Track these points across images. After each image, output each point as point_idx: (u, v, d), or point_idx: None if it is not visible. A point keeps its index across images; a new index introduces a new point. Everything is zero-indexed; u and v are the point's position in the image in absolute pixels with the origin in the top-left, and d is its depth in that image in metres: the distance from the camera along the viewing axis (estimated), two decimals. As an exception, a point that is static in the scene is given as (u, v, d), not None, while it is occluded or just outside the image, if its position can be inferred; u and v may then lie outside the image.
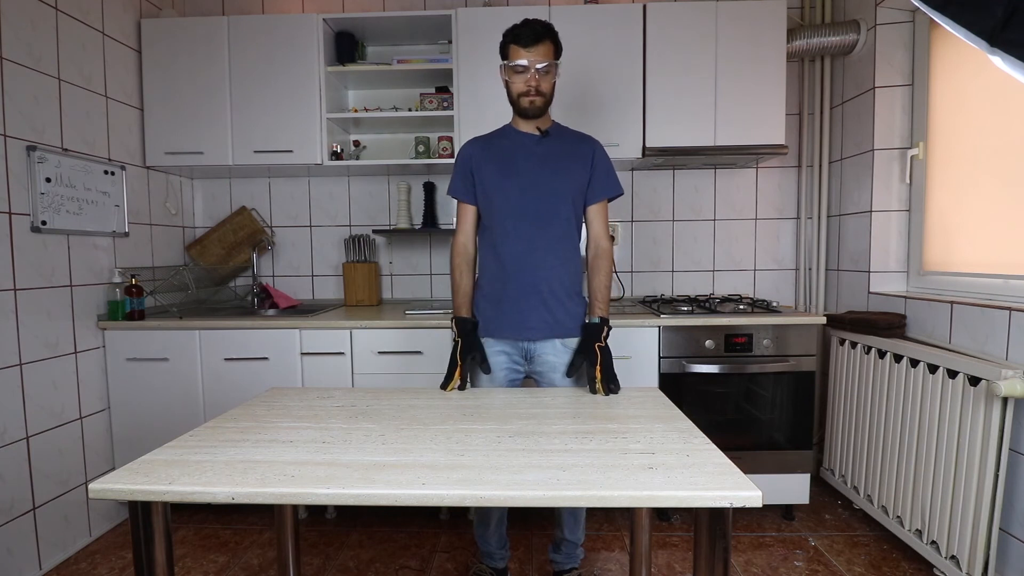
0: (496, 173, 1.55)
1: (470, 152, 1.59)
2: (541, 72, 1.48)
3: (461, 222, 1.61)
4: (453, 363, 1.46)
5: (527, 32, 1.46)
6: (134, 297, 2.14)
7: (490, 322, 1.56)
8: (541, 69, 1.47)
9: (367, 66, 2.42)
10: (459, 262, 1.58)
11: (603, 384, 1.39)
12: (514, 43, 1.47)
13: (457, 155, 1.63)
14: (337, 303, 2.63)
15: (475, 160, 1.57)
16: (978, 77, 1.88)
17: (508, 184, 1.53)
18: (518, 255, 1.53)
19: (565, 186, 1.55)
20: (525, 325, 1.53)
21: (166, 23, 2.34)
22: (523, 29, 1.47)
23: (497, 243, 1.55)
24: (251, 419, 1.19)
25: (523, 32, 1.47)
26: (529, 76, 1.48)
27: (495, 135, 1.63)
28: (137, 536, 0.91)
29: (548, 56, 1.47)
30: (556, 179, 1.54)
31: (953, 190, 2.02)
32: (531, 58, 1.46)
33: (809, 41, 2.35)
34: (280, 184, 2.73)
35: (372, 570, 1.88)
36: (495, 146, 1.59)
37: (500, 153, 1.57)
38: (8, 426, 1.77)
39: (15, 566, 1.77)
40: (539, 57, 1.46)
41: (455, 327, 1.51)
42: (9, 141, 1.77)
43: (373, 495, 0.85)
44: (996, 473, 1.54)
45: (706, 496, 0.84)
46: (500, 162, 1.56)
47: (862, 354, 2.09)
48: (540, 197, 1.53)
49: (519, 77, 1.50)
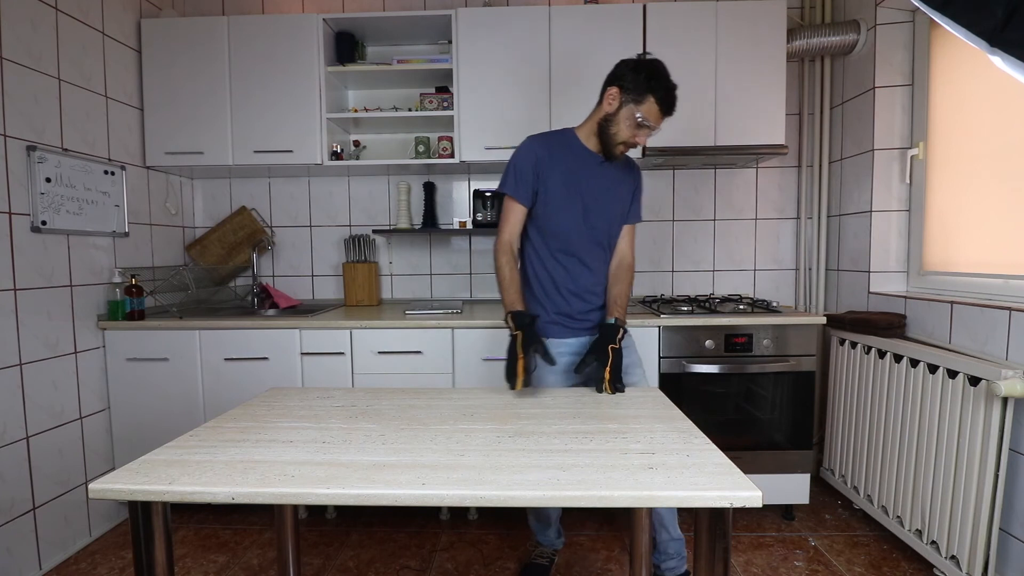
0: (562, 186, 1.53)
1: (537, 154, 1.54)
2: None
3: (510, 220, 1.56)
4: (513, 357, 1.37)
5: (672, 103, 1.45)
6: (134, 297, 2.14)
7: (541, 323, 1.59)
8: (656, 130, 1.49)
9: (367, 66, 2.42)
10: (507, 259, 1.54)
11: (610, 384, 1.40)
12: (661, 107, 1.44)
13: (519, 153, 1.56)
14: (337, 303, 2.63)
15: (542, 164, 1.53)
16: (978, 77, 1.88)
17: (573, 202, 1.54)
18: (573, 271, 1.58)
19: (618, 211, 1.61)
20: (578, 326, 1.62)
21: (166, 23, 2.34)
22: (671, 100, 1.45)
23: (552, 255, 1.58)
24: (251, 419, 1.19)
25: (671, 103, 1.45)
26: (643, 134, 1.48)
27: (556, 141, 1.57)
28: (137, 536, 0.91)
29: None
30: (613, 205, 1.59)
31: (953, 190, 2.02)
32: (657, 124, 1.47)
33: (809, 41, 2.35)
34: (280, 184, 2.73)
35: (372, 570, 1.88)
36: (560, 156, 1.54)
37: (565, 165, 1.54)
38: (8, 426, 1.77)
39: (15, 566, 1.77)
40: (660, 124, 1.48)
41: (511, 322, 1.43)
42: (9, 141, 1.77)
43: (373, 495, 0.85)
44: (996, 473, 1.54)
45: (706, 496, 0.84)
46: (566, 175, 1.53)
47: (862, 354, 2.09)
48: (600, 220, 1.57)
49: (638, 131, 1.47)
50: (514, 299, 1.49)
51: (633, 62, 1.48)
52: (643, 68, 1.45)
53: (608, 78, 1.52)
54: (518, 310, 1.46)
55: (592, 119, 1.55)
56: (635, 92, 1.44)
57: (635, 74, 1.44)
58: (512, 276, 1.53)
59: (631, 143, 1.50)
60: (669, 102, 1.45)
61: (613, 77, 1.50)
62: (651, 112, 1.44)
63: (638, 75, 1.44)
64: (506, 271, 1.53)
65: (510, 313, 1.46)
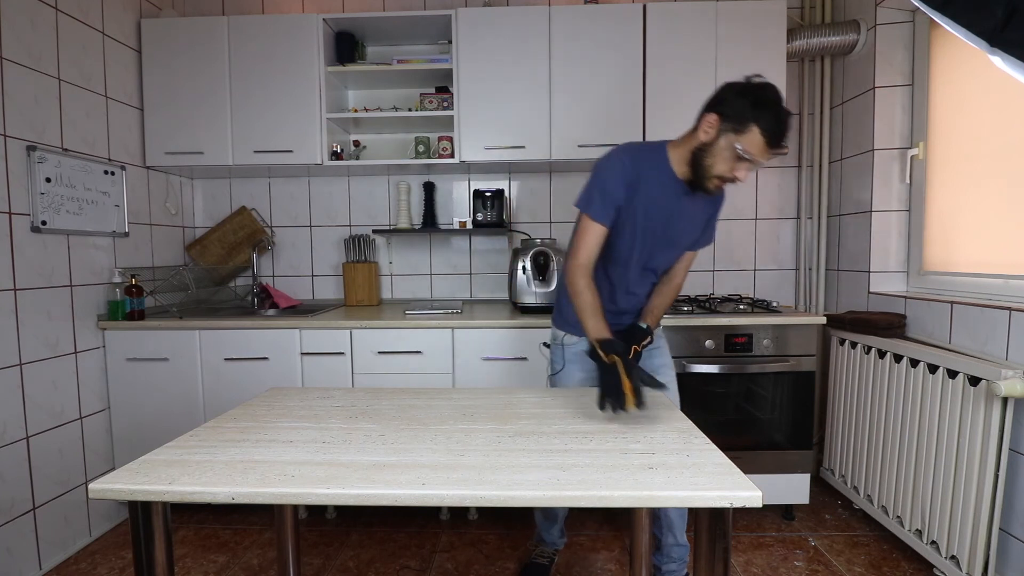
0: (640, 216, 1.42)
1: (628, 178, 1.39)
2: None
3: (588, 243, 1.41)
4: (613, 382, 1.18)
5: (782, 134, 1.26)
6: (134, 297, 2.14)
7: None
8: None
9: (367, 66, 2.42)
10: (587, 283, 1.39)
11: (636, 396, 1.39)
12: (768, 139, 1.25)
13: (609, 169, 1.40)
14: (337, 303, 2.63)
15: (631, 189, 1.39)
16: (978, 77, 1.88)
17: (644, 235, 1.45)
18: (616, 295, 1.53)
19: (687, 244, 1.54)
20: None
21: (166, 23, 2.34)
22: (782, 130, 1.25)
23: (612, 270, 1.52)
24: (251, 419, 1.19)
25: (781, 133, 1.26)
26: (744, 170, 1.31)
27: (647, 162, 1.41)
28: (137, 536, 0.91)
29: None
30: (683, 238, 1.51)
31: (953, 190, 2.02)
32: (762, 158, 1.28)
33: (809, 41, 2.35)
34: (280, 184, 2.73)
35: (372, 570, 1.88)
36: (648, 182, 1.40)
37: (651, 194, 1.41)
38: (8, 426, 1.77)
39: (15, 566, 1.77)
40: (765, 157, 1.29)
41: (600, 349, 1.27)
42: (9, 141, 1.77)
43: (373, 495, 0.84)
44: (996, 473, 1.54)
45: (706, 496, 0.84)
46: (648, 206, 1.41)
47: (862, 354, 2.09)
48: (663, 255, 1.51)
49: (739, 165, 1.30)
50: (600, 326, 1.34)
51: (739, 85, 1.30)
52: (749, 92, 1.26)
53: (708, 102, 1.34)
54: (607, 338, 1.30)
55: (686, 144, 1.38)
56: (737, 120, 1.26)
57: (739, 99, 1.27)
58: (595, 301, 1.38)
59: (728, 178, 1.33)
60: (778, 133, 1.25)
61: (713, 102, 1.32)
62: (754, 144, 1.26)
63: (742, 100, 1.26)
64: (587, 296, 1.38)
65: (598, 340, 1.30)
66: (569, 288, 1.42)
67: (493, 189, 2.52)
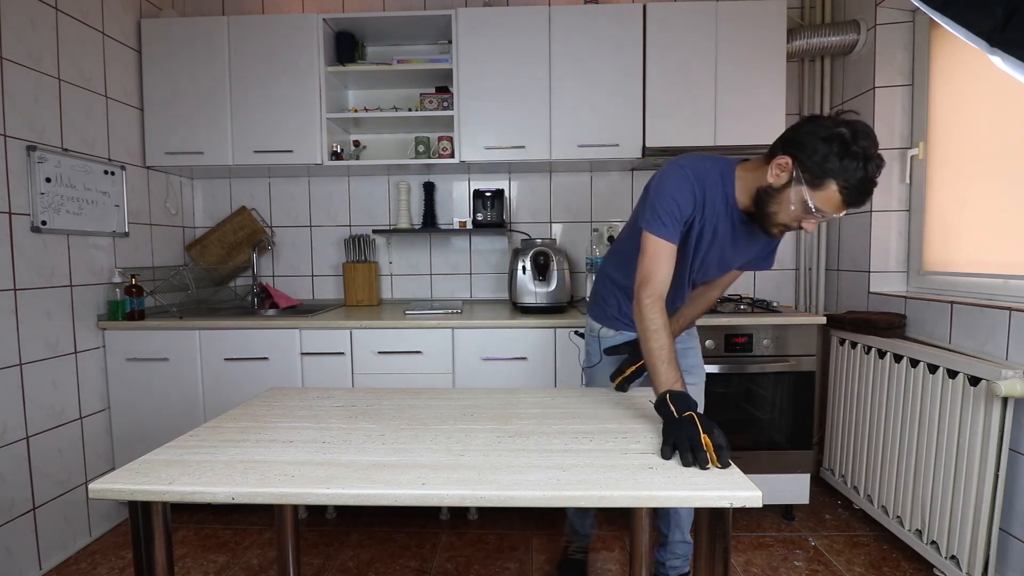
0: (709, 241, 1.32)
1: (696, 196, 1.26)
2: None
3: (664, 267, 1.23)
4: (686, 434, 0.97)
5: (867, 193, 1.09)
6: (134, 297, 2.13)
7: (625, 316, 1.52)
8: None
9: (367, 66, 2.42)
10: (664, 321, 1.19)
11: (624, 382, 1.40)
12: (847, 199, 1.09)
13: (676, 186, 1.25)
14: (337, 303, 2.63)
15: (697, 209, 1.27)
16: (978, 77, 1.88)
17: (708, 251, 1.35)
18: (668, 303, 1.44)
19: (736, 266, 1.45)
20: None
21: (166, 23, 2.34)
22: (867, 189, 1.08)
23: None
24: (251, 419, 1.19)
25: (865, 193, 1.09)
26: (813, 222, 1.16)
27: (712, 183, 1.27)
28: (137, 536, 0.91)
29: None
30: (740, 259, 1.42)
31: (953, 190, 2.02)
32: (839, 213, 1.13)
33: (809, 41, 2.35)
34: (280, 184, 2.73)
35: (372, 570, 1.88)
36: (711, 205, 1.28)
37: (713, 219, 1.29)
38: (8, 426, 1.77)
39: (15, 566, 1.77)
40: (843, 212, 1.14)
41: (672, 404, 1.04)
42: (9, 141, 1.77)
43: (373, 495, 0.84)
44: (996, 473, 1.54)
45: (706, 496, 0.84)
46: (715, 229, 1.31)
47: (862, 354, 2.09)
48: (719, 271, 1.45)
49: (806, 216, 1.14)
50: (674, 375, 1.12)
51: (824, 126, 1.09)
52: (836, 140, 1.06)
53: (783, 140, 1.16)
54: (680, 392, 1.08)
55: (753, 176, 1.23)
56: (815, 172, 1.09)
57: (822, 145, 1.07)
58: (671, 345, 1.17)
59: (791, 228, 1.20)
60: (863, 192, 1.08)
61: (790, 141, 1.14)
62: (830, 203, 1.10)
63: (825, 148, 1.07)
64: (663, 337, 1.16)
65: (669, 393, 1.07)
66: (641, 323, 1.21)
67: (493, 189, 2.52)
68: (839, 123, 1.09)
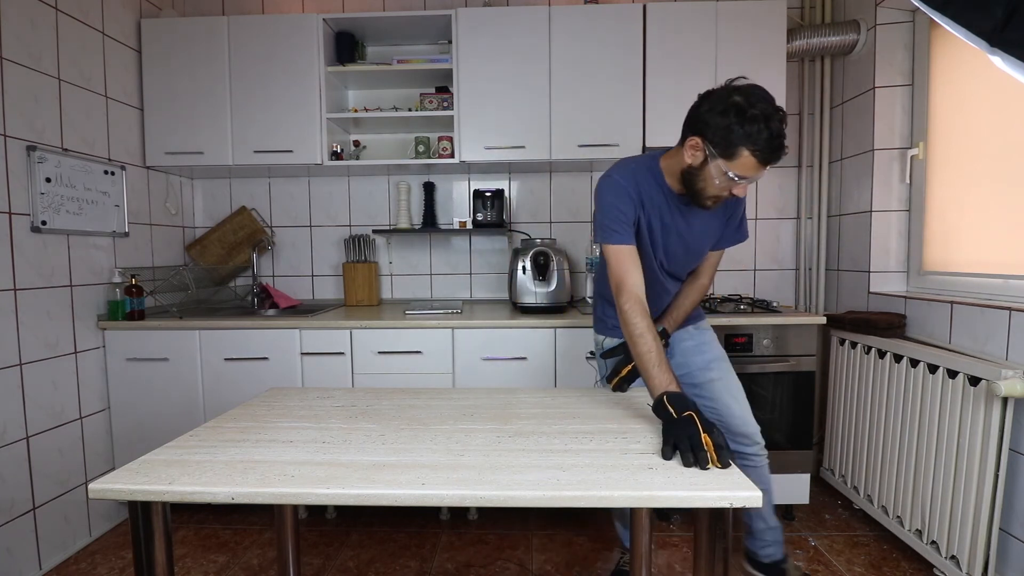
0: (648, 233, 1.38)
1: (632, 197, 1.34)
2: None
3: (629, 268, 1.30)
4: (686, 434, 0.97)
5: (778, 149, 1.15)
6: (134, 297, 2.13)
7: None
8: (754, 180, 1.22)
9: (367, 66, 2.42)
10: (648, 324, 1.22)
11: (621, 382, 1.40)
12: (761, 159, 1.15)
13: (613, 194, 1.34)
14: (337, 303, 2.63)
15: (638, 208, 1.35)
16: (978, 77, 1.88)
17: (656, 249, 1.42)
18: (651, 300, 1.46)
19: (705, 247, 1.50)
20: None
21: (166, 23, 2.34)
22: (777, 145, 1.14)
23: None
24: (251, 419, 1.19)
25: (776, 149, 1.14)
26: (741, 187, 1.22)
27: (645, 182, 1.36)
28: (137, 536, 0.91)
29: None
30: (700, 243, 1.46)
31: (953, 190, 2.02)
32: (760, 173, 1.19)
33: (809, 41, 2.35)
34: (280, 184, 2.73)
35: (372, 570, 1.87)
36: (650, 201, 1.36)
37: (655, 211, 1.37)
38: (8, 426, 1.77)
39: (15, 566, 1.77)
40: (763, 171, 1.19)
41: (670, 405, 1.05)
42: (9, 141, 1.77)
43: (373, 495, 0.85)
44: (996, 473, 1.54)
45: (706, 496, 0.84)
46: (661, 219, 1.38)
47: (862, 354, 2.09)
48: (681, 263, 1.48)
49: (731, 185, 1.21)
50: (667, 377, 1.14)
51: (718, 100, 1.16)
52: (732, 110, 1.13)
53: (687, 122, 1.24)
54: (676, 392, 1.10)
55: (675, 160, 1.31)
56: (724, 145, 1.16)
57: (721, 119, 1.14)
58: (659, 347, 1.19)
59: (724, 197, 1.27)
60: (774, 149, 1.13)
61: (694, 123, 1.21)
62: (747, 167, 1.16)
63: (724, 120, 1.14)
64: (649, 340, 1.19)
65: (665, 395, 1.09)
66: (626, 329, 1.25)
67: (493, 189, 2.52)
68: (731, 91, 1.16)
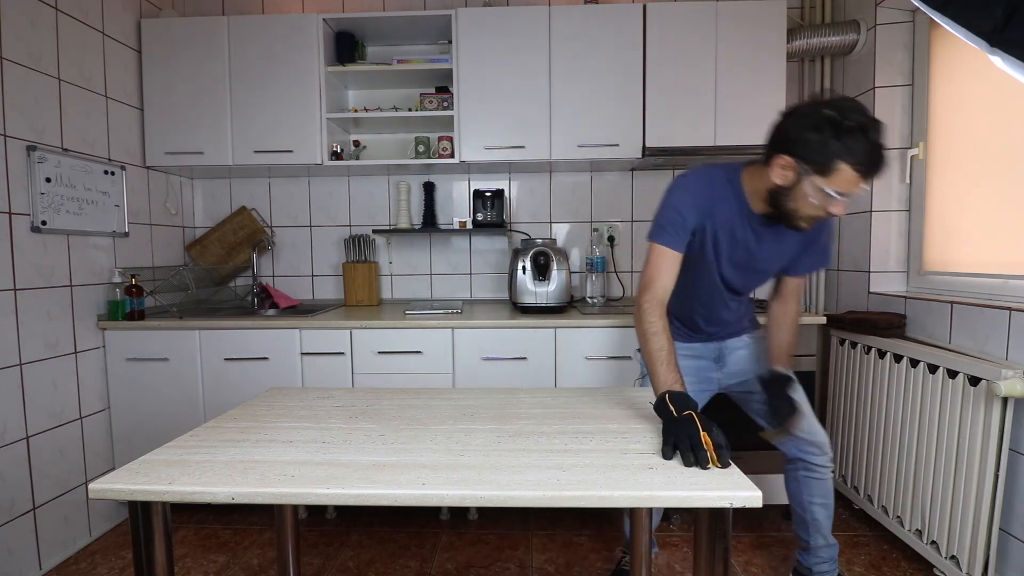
0: (727, 246, 1.33)
1: (700, 207, 1.30)
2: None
3: (663, 273, 1.28)
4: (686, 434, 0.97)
5: (879, 160, 1.08)
6: (134, 297, 2.13)
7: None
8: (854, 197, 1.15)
9: (367, 66, 2.42)
10: (663, 324, 1.23)
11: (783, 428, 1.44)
12: (859, 170, 1.08)
13: (680, 198, 1.30)
14: (337, 303, 2.63)
15: (704, 218, 1.30)
16: (978, 77, 1.88)
17: (732, 259, 1.36)
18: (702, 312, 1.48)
19: (776, 266, 1.45)
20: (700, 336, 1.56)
21: (166, 23, 2.34)
22: (877, 156, 1.08)
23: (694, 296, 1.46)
24: (251, 419, 1.19)
25: (877, 160, 1.08)
26: (839, 205, 1.14)
27: (720, 194, 1.30)
28: (137, 536, 0.91)
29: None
30: (772, 262, 1.41)
31: (953, 190, 2.01)
32: (858, 189, 1.12)
33: (809, 41, 2.35)
34: (280, 184, 2.73)
35: (372, 570, 1.88)
36: (722, 215, 1.31)
37: (726, 227, 1.32)
38: (8, 426, 1.77)
39: (15, 566, 1.77)
40: (864, 186, 1.12)
41: (671, 404, 1.06)
42: (9, 141, 1.77)
43: (373, 495, 0.85)
44: (996, 473, 1.54)
45: (706, 496, 0.84)
46: (731, 233, 1.32)
47: (862, 354, 2.09)
48: (752, 276, 1.44)
49: (828, 202, 1.14)
50: (673, 376, 1.15)
51: (810, 116, 1.10)
52: (827, 124, 1.07)
53: (773, 139, 1.18)
54: (679, 392, 1.10)
55: (761, 181, 1.24)
56: (819, 161, 1.09)
57: (815, 135, 1.08)
58: (670, 347, 1.20)
59: (821, 217, 1.21)
60: (874, 160, 1.08)
61: (783, 141, 1.14)
62: (845, 181, 1.09)
63: (820, 136, 1.08)
64: (662, 339, 1.20)
65: (668, 393, 1.09)
66: (640, 326, 1.25)
67: (493, 189, 2.52)
68: (820, 105, 1.11)
